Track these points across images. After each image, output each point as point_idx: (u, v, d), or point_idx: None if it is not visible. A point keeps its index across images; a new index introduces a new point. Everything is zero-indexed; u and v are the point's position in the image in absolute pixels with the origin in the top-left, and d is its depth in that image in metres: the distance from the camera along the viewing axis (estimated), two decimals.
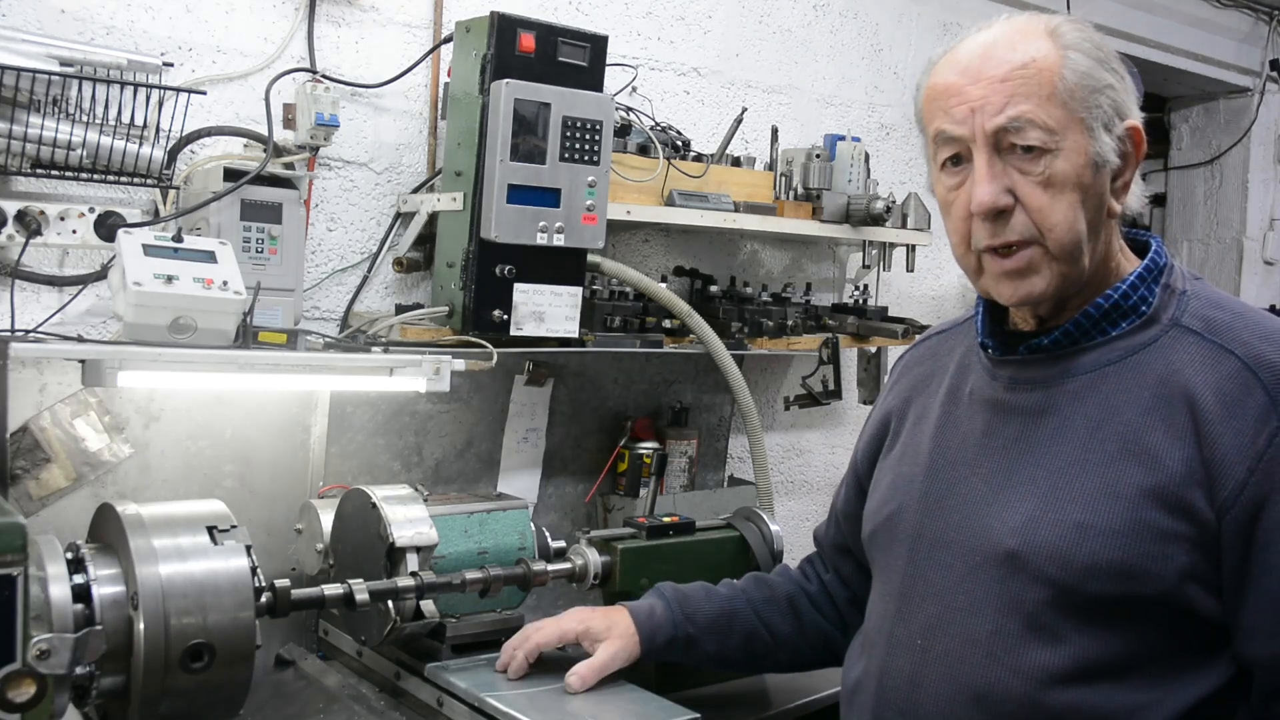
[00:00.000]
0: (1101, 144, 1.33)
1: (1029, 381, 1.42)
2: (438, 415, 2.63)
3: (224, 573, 1.60)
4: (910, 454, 1.55)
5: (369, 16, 2.58)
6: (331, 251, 2.57)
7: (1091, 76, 1.33)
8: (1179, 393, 1.31)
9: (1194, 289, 1.41)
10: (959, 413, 1.50)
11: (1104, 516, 1.31)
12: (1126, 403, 1.34)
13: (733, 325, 2.94)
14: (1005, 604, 1.36)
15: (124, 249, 1.92)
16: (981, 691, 1.37)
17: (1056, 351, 1.41)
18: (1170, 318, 1.37)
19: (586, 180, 2.44)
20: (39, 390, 2.12)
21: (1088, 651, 1.32)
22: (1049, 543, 1.33)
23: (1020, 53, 1.34)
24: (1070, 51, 1.33)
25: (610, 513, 2.86)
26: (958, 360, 1.56)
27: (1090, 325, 1.39)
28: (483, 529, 2.02)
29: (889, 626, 1.49)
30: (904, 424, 1.62)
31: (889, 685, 1.47)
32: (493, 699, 1.78)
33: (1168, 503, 1.29)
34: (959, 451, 1.47)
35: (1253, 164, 5.24)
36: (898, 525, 1.51)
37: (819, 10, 3.52)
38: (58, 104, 2.09)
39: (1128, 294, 1.39)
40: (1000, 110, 1.33)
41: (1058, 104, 1.32)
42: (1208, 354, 1.33)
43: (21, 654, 1.33)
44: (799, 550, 3.68)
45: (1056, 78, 1.32)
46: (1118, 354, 1.37)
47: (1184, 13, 4.69)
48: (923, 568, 1.46)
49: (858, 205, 3.14)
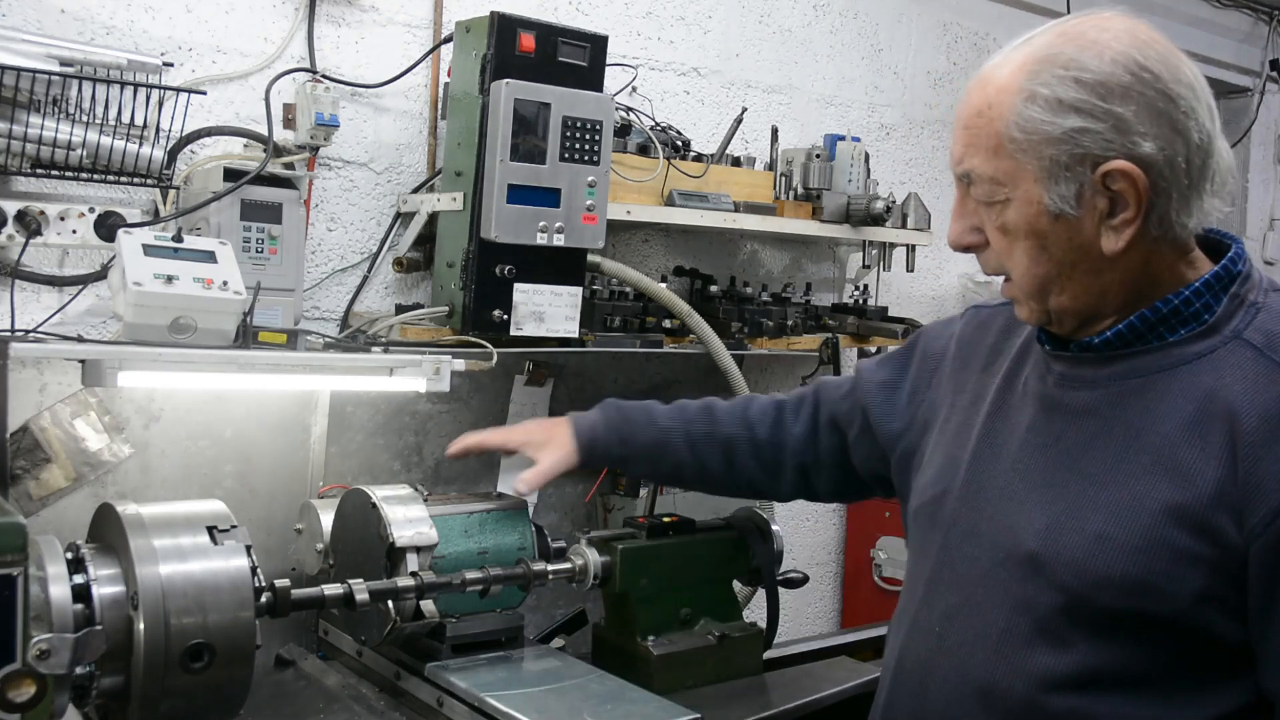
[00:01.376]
0: (1056, 194, 1.28)
1: (1078, 380, 1.39)
2: (438, 415, 2.63)
3: (224, 573, 1.60)
4: (962, 436, 1.52)
5: (369, 16, 2.58)
6: (331, 251, 2.57)
7: (1046, 127, 1.27)
8: (1222, 410, 1.26)
9: (1269, 301, 1.34)
10: (1012, 402, 1.48)
11: (1124, 530, 1.28)
12: (1169, 413, 1.30)
13: (733, 325, 2.94)
14: (1019, 604, 1.36)
15: (124, 249, 1.92)
16: (985, 687, 1.37)
17: (1108, 352, 1.36)
18: (1233, 329, 1.31)
19: (586, 180, 2.44)
20: (39, 390, 2.12)
21: (1093, 660, 1.31)
22: (1067, 550, 1.32)
23: (982, 96, 1.32)
24: (1030, 101, 1.28)
25: (610, 513, 2.86)
26: (1022, 344, 1.52)
27: (1145, 329, 1.34)
28: (483, 529, 2.02)
29: (914, 610, 1.49)
30: (960, 398, 1.58)
31: (905, 667, 1.48)
32: (493, 699, 1.78)
33: (1192, 523, 1.25)
34: (1004, 443, 1.45)
35: (1253, 164, 5.25)
36: (939, 510, 1.50)
37: (819, 10, 3.52)
38: (58, 104, 2.09)
39: (1189, 300, 1.33)
40: (959, 161, 1.36)
41: (1005, 156, 1.30)
42: (1262, 371, 1.27)
43: (21, 654, 1.33)
44: (799, 550, 3.70)
45: (1003, 129, 1.29)
46: (1170, 361, 1.32)
47: (1184, 13, 4.70)
48: (952, 556, 1.45)
49: (858, 205, 3.14)
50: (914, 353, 1.72)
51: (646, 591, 2.12)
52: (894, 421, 1.69)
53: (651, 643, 2.11)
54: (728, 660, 2.18)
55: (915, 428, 1.65)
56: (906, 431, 1.66)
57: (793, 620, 3.56)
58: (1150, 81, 1.25)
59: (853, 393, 1.79)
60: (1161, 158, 1.26)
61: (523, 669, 1.97)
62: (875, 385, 1.73)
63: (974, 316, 1.66)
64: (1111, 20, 1.30)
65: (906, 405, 1.68)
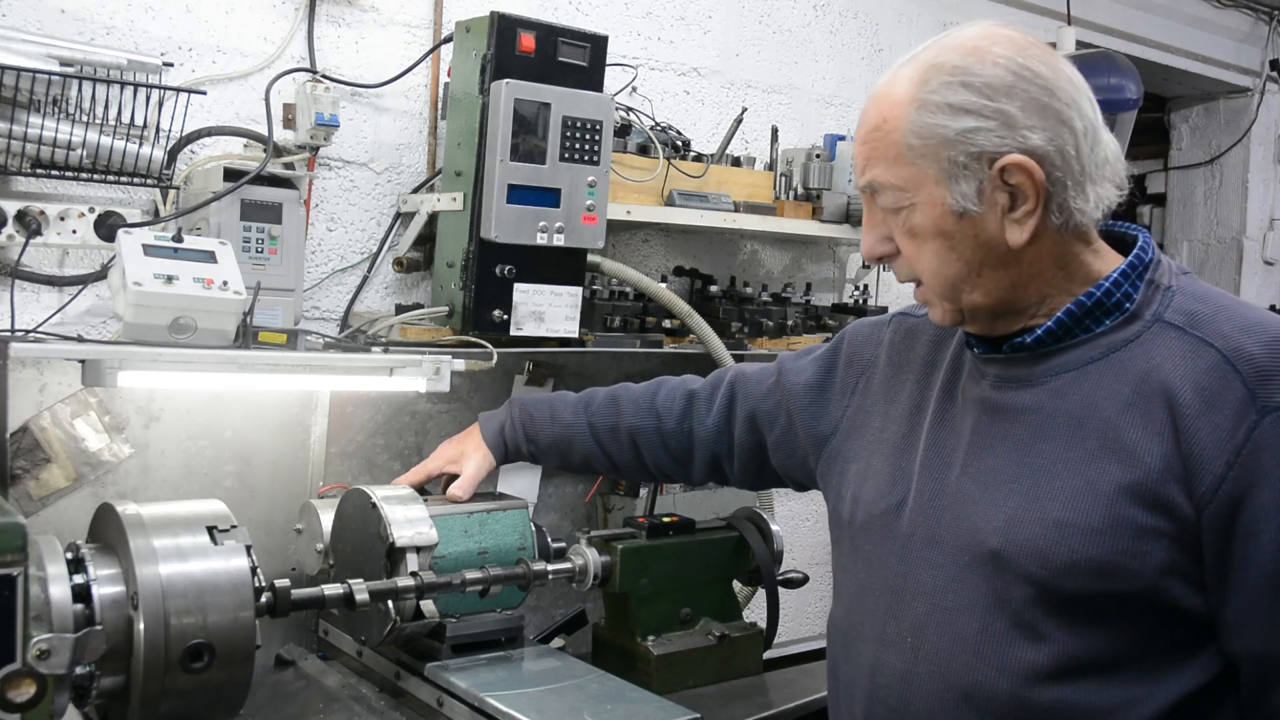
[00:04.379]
0: (958, 193, 1.35)
1: (1014, 380, 1.43)
2: (438, 415, 2.63)
3: (224, 573, 1.60)
4: (905, 447, 1.55)
5: (369, 16, 2.58)
6: (331, 251, 2.57)
7: (940, 130, 1.34)
8: (1158, 388, 1.32)
9: (1180, 284, 1.40)
10: (953, 410, 1.51)
11: (1083, 514, 1.32)
12: (1107, 400, 1.35)
13: (733, 325, 2.94)
14: (991, 603, 1.37)
15: (124, 249, 1.92)
16: (970, 690, 1.38)
17: (1040, 350, 1.41)
18: (1153, 313, 1.38)
19: (586, 180, 2.44)
20: (39, 390, 2.12)
21: (1071, 649, 1.33)
22: (1029, 541, 1.34)
23: (877, 112, 1.40)
24: (922, 109, 1.35)
25: (610, 513, 2.86)
26: (953, 353, 1.56)
27: (1073, 323, 1.39)
28: (483, 529, 2.02)
29: (880, 624, 1.49)
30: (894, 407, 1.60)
31: (881, 683, 1.48)
32: (493, 699, 1.78)
33: (1146, 499, 1.29)
34: (952, 451, 1.48)
35: (1253, 164, 5.24)
36: (893, 522, 1.51)
37: (819, 10, 3.52)
38: (58, 104, 2.09)
39: (1110, 291, 1.39)
40: (862, 172, 1.43)
41: (905, 163, 1.37)
42: (1188, 348, 1.33)
43: (21, 654, 1.33)
44: (799, 550, 3.70)
45: (901, 139, 1.36)
46: (1100, 351, 1.38)
47: (1184, 13, 4.69)
48: (914, 566, 1.47)
49: (858, 205, 3.14)
50: (839, 355, 1.75)
51: (646, 591, 2.12)
52: (821, 424, 1.72)
53: (651, 643, 2.11)
54: (728, 660, 2.18)
55: (841, 431, 1.68)
56: (833, 435, 1.69)
57: (793, 620, 3.56)
58: (1030, 78, 1.34)
59: (775, 392, 1.82)
60: (1052, 148, 1.33)
61: (523, 669, 1.97)
62: (801, 387, 1.76)
63: (901, 323, 1.69)
64: (991, 29, 1.40)
65: (834, 408, 1.71)
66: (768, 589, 2.28)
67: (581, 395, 2.09)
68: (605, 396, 2.05)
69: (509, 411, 2.10)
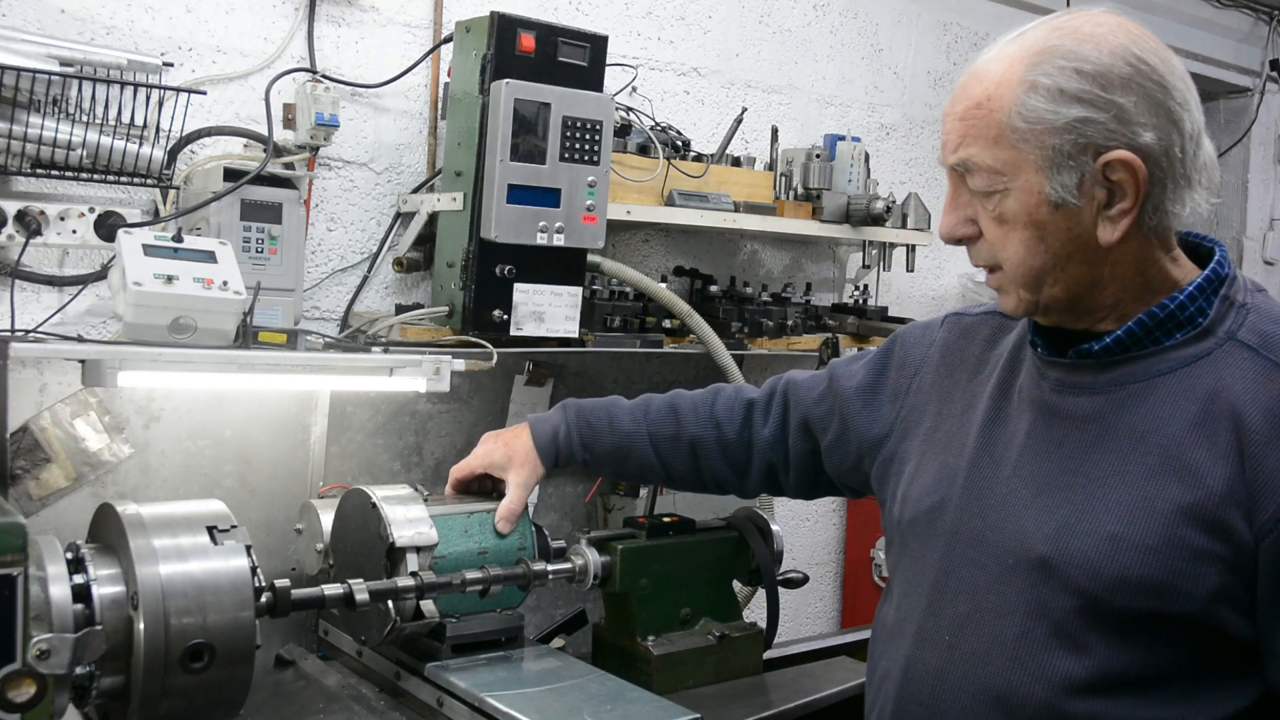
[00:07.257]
0: (1057, 184, 1.30)
1: (1076, 386, 1.40)
2: (438, 415, 2.63)
3: (224, 573, 1.59)
4: (956, 445, 1.52)
5: (369, 16, 2.58)
6: (331, 251, 2.57)
7: (1049, 116, 1.29)
8: (1226, 410, 1.28)
9: (1255, 302, 1.37)
10: (1009, 409, 1.48)
11: (1138, 530, 1.29)
12: (1172, 416, 1.31)
13: (733, 325, 2.93)
14: (1034, 609, 1.35)
15: (124, 249, 1.92)
16: (1003, 694, 1.36)
17: (1107, 358, 1.38)
18: (1226, 331, 1.34)
19: (586, 180, 2.44)
20: (39, 390, 2.12)
21: (1112, 663, 1.31)
22: (1080, 552, 1.32)
23: (981, 89, 1.34)
24: (1031, 91, 1.30)
25: (610, 513, 2.86)
26: (1010, 352, 1.53)
27: (1143, 334, 1.36)
28: (483, 529, 2.02)
29: (919, 619, 1.48)
30: (948, 406, 1.58)
31: (914, 678, 1.46)
32: (493, 699, 1.78)
33: (1205, 522, 1.26)
34: (1004, 451, 1.45)
35: (1253, 164, 5.24)
36: (938, 519, 1.49)
37: (819, 10, 3.52)
38: (58, 104, 2.09)
39: (1184, 304, 1.35)
40: (955, 149, 1.36)
41: (1006, 146, 1.31)
42: (1261, 371, 1.29)
43: (21, 654, 1.33)
44: (799, 550, 3.70)
45: (1005, 120, 1.31)
46: (1169, 365, 1.34)
47: (1184, 13, 4.70)
48: (957, 564, 1.45)
49: (858, 205, 3.14)
50: (891, 357, 1.72)
51: (646, 591, 2.12)
52: (875, 427, 1.68)
53: (651, 643, 2.11)
54: (728, 660, 2.18)
55: (895, 433, 1.65)
56: (887, 438, 1.66)
57: (793, 620, 3.56)
58: (1147, 73, 1.28)
59: (828, 397, 1.78)
60: (1160, 148, 1.29)
61: (523, 669, 1.97)
62: (853, 391, 1.73)
63: (955, 323, 1.66)
64: (1103, 15, 1.33)
65: (887, 411, 1.68)
66: (768, 589, 2.27)
67: (637, 403, 1.98)
68: (663, 405, 1.97)
69: (563, 416, 1.97)
